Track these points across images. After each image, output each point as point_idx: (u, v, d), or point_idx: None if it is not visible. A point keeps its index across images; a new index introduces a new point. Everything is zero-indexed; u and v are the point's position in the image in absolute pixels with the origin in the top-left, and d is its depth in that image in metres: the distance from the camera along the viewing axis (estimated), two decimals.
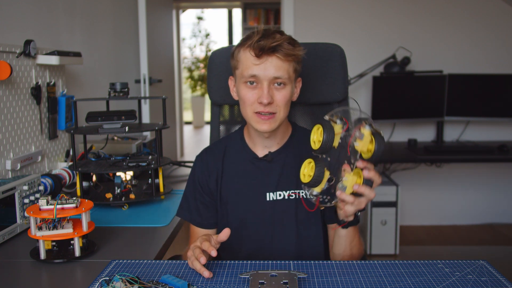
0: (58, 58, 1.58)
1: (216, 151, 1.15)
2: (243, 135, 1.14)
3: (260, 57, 0.98)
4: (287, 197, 1.08)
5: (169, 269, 0.92)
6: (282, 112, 1.02)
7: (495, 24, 2.90)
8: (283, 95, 1.01)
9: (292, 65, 1.01)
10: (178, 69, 4.99)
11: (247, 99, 1.02)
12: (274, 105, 1.01)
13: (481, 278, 0.87)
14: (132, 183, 1.50)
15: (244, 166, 1.11)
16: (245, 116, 1.06)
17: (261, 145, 1.10)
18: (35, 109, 1.57)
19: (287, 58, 0.99)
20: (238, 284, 0.85)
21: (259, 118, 1.02)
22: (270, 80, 0.99)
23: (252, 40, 0.98)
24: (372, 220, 2.63)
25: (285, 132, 1.12)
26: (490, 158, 2.52)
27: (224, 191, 1.11)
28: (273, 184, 1.08)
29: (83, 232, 1.02)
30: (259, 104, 1.00)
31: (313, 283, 0.85)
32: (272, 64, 0.98)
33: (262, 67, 0.98)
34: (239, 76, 1.04)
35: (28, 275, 0.97)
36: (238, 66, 1.03)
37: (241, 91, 1.03)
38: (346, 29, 2.92)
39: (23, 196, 1.19)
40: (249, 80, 1.01)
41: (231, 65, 1.07)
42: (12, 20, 1.57)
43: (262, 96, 0.99)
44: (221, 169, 1.12)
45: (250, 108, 1.02)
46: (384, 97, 2.77)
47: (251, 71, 0.99)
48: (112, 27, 2.60)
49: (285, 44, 0.98)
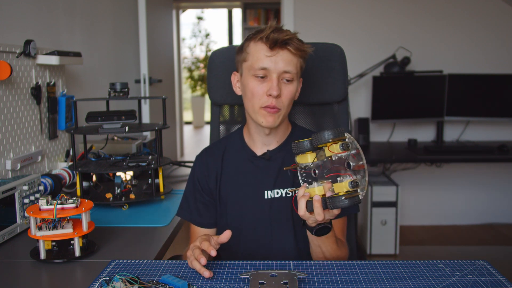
0: (58, 58, 1.58)
1: (215, 151, 1.16)
2: (242, 134, 1.15)
3: (273, 49, 1.00)
4: (285, 195, 1.09)
5: (169, 269, 0.92)
6: (286, 108, 1.04)
7: (495, 24, 2.90)
8: (289, 91, 1.03)
9: (300, 61, 1.04)
10: (178, 69, 4.99)
11: (256, 92, 1.02)
12: (280, 100, 1.02)
13: (481, 278, 0.87)
14: (132, 183, 1.50)
15: (243, 164, 1.12)
16: (251, 110, 1.05)
17: (261, 143, 1.11)
18: (35, 109, 1.57)
19: (297, 52, 1.01)
20: (238, 284, 0.85)
21: (266, 112, 1.02)
22: (279, 74, 1.01)
23: (265, 33, 1.01)
24: (372, 220, 2.63)
25: (285, 130, 1.13)
26: (490, 158, 2.53)
27: (223, 190, 1.12)
28: (271, 182, 1.09)
29: (83, 232, 1.02)
30: (267, 98, 1.01)
31: (313, 283, 0.86)
32: (283, 57, 1.00)
33: (273, 59, 1.00)
34: (247, 69, 1.04)
35: (28, 275, 0.97)
36: (248, 58, 1.04)
37: (249, 84, 1.03)
38: (346, 29, 2.92)
39: (23, 196, 1.19)
40: (259, 74, 1.01)
41: (238, 59, 1.08)
42: (12, 20, 1.57)
43: (271, 88, 1.00)
44: (221, 169, 1.13)
45: (258, 102, 1.02)
46: (384, 97, 2.77)
47: (261, 63, 1.01)
48: (112, 27, 2.60)
49: (296, 39, 1.02)
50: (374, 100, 2.76)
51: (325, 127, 1.32)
